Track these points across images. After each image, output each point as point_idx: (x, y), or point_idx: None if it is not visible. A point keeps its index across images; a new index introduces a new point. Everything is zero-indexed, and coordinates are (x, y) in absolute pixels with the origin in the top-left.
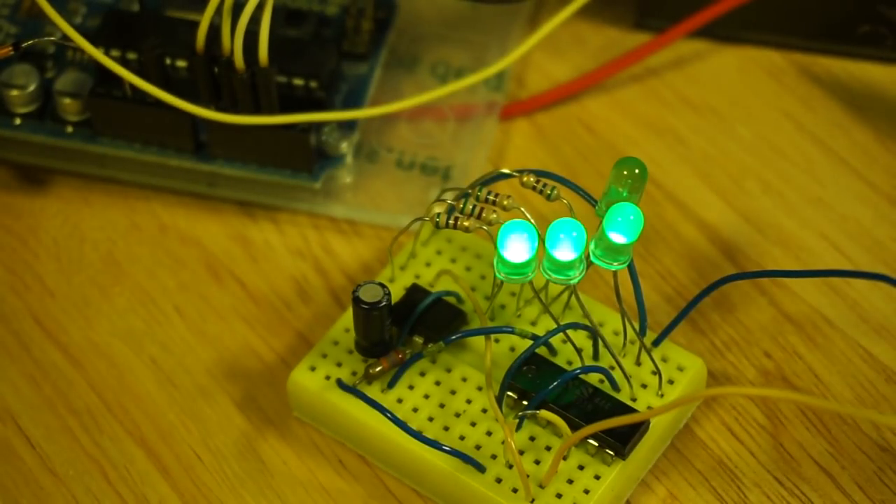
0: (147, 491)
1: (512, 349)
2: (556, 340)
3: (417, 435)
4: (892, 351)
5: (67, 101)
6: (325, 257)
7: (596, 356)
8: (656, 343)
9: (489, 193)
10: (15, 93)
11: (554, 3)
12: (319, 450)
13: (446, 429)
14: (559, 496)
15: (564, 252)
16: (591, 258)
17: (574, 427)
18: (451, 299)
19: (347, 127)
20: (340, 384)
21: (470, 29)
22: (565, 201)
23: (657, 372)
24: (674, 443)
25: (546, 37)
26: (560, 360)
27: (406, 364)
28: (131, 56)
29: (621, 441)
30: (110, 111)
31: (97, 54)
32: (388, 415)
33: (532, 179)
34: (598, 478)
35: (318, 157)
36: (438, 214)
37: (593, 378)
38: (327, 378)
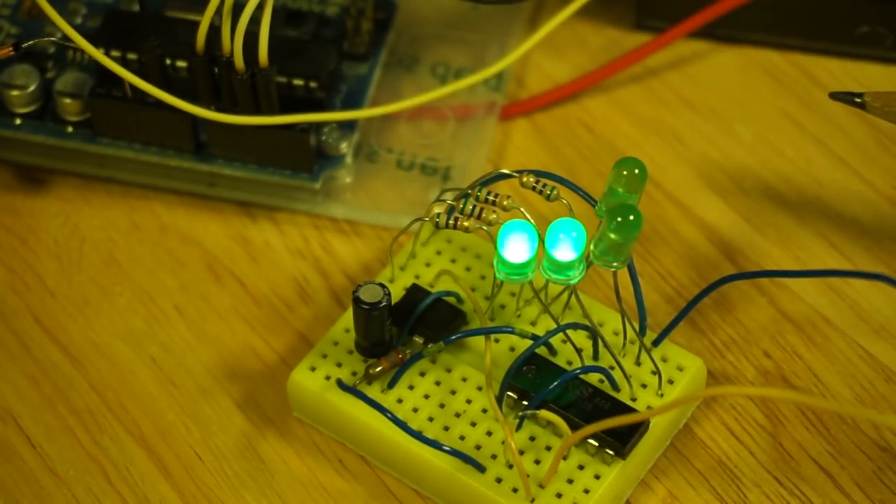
0: (147, 490)
1: (512, 349)
2: (556, 340)
3: (417, 435)
4: (892, 351)
5: (68, 101)
6: (325, 257)
7: (596, 356)
8: (656, 343)
9: (489, 194)
10: (15, 93)
11: (554, 3)
12: (320, 450)
13: (446, 429)
14: (559, 496)
15: (564, 252)
16: (591, 258)
17: (574, 427)
18: (451, 299)
19: (347, 127)
20: (340, 384)
21: (470, 29)
22: (565, 201)
23: (657, 372)
24: (673, 443)
25: (546, 37)
26: (560, 360)
27: (406, 364)
28: (131, 56)
29: (621, 441)
30: (110, 111)
31: (97, 54)
32: (388, 415)
33: (532, 179)
34: (598, 477)
35: (318, 157)
36: (438, 214)
37: (593, 378)
38: (327, 378)
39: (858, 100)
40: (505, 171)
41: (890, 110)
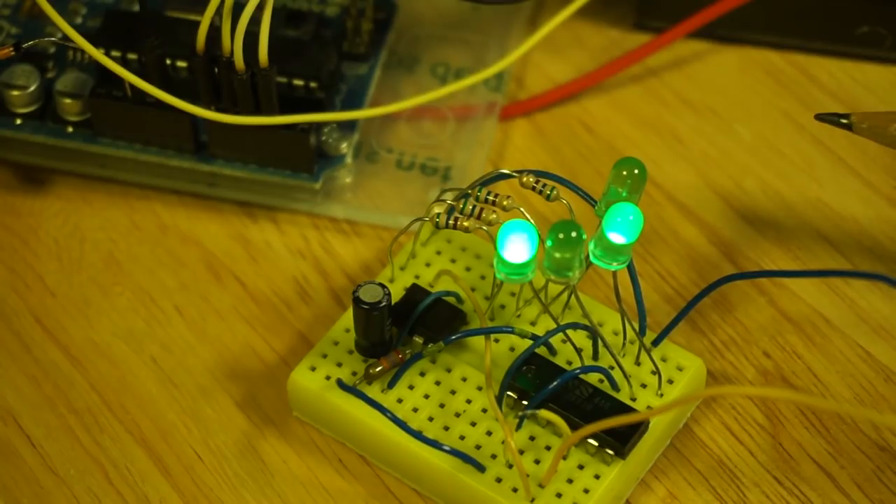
0: (148, 490)
1: (512, 349)
2: (555, 340)
3: (417, 435)
4: (891, 351)
5: (68, 101)
6: (325, 257)
7: (596, 356)
8: (656, 343)
9: (489, 194)
10: (16, 93)
11: (554, 3)
12: (319, 449)
13: (446, 429)
14: (559, 496)
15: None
16: (591, 258)
17: (574, 427)
18: (451, 299)
19: (347, 127)
20: (340, 384)
21: (470, 29)
22: (565, 201)
23: (657, 372)
24: (673, 442)
25: (546, 37)
26: (560, 360)
27: (406, 364)
28: (131, 56)
29: (621, 441)
30: (110, 111)
31: (97, 55)
32: (389, 415)
33: (532, 180)
34: (597, 477)
35: (318, 158)
36: (438, 215)
37: (593, 378)
38: (327, 378)
39: (845, 121)
40: (505, 171)
41: (877, 131)
